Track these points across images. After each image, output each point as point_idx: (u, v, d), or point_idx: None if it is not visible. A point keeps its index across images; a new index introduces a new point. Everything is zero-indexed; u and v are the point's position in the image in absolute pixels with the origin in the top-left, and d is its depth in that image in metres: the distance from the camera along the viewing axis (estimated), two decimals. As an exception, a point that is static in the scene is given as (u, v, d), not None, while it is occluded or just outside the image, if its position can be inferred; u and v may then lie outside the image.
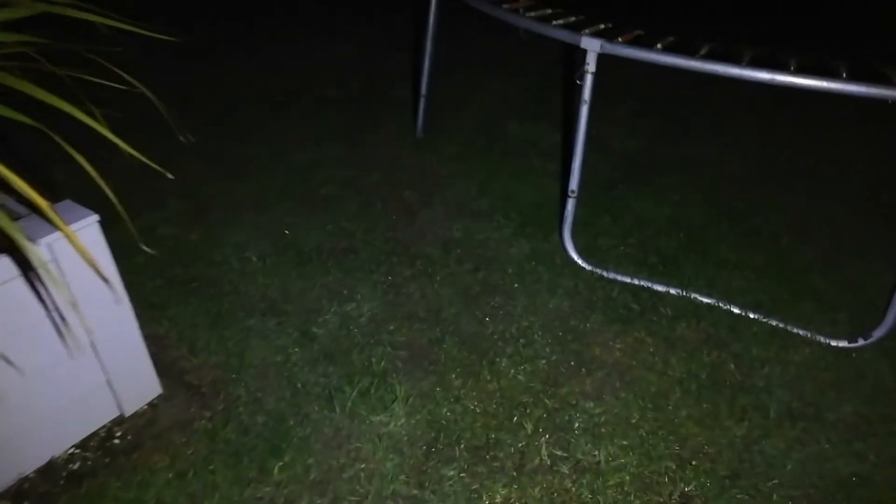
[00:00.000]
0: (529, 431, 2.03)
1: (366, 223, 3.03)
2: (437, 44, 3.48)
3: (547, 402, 2.13)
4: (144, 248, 1.70)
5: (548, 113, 4.15)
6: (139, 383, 2.09)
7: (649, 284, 2.64)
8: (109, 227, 1.81)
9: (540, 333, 2.41)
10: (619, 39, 2.46)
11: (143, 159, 1.54)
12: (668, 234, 2.98)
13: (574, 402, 2.13)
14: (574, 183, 2.70)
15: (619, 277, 2.68)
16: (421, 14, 3.49)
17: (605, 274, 2.71)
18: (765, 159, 3.76)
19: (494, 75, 4.67)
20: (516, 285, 2.66)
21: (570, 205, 2.75)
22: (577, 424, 2.05)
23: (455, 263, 2.78)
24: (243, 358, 2.28)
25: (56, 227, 1.57)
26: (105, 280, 1.79)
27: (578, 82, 2.56)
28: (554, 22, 2.65)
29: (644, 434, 2.02)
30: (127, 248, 2.89)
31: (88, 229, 1.77)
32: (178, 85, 4.27)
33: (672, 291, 2.61)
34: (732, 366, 2.27)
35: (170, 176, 1.58)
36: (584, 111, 2.58)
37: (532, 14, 2.73)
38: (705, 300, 2.56)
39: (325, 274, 2.69)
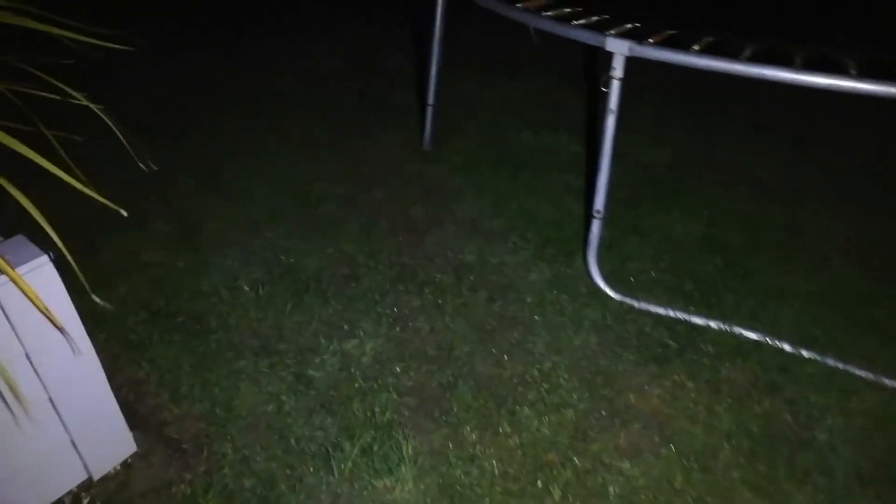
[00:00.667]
0: (557, 499, 1.75)
1: (369, 246, 2.76)
2: (444, 47, 3.21)
3: (576, 461, 1.85)
4: (96, 299, 1.42)
5: (565, 121, 3.87)
6: (109, 441, 1.83)
7: (686, 317, 2.36)
8: (86, 255, 1.59)
9: (566, 376, 2.13)
10: (651, 41, 2.18)
11: (93, 194, 1.27)
12: (702, 257, 2.70)
13: (607, 462, 1.85)
14: (600, 202, 2.43)
15: (652, 308, 2.40)
16: (423, 14, 3.22)
17: (635, 304, 2.43)
18: (802, 168, 3.47)
19: (504, 79, 4.39)
20: (537, 318, 2.38)
21: (596, 226, 2.47)
22: (612, 490, 1.78)
23: (468, 292, 2.50)
24: (231, 407, 2.02)
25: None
26: (59, 329, 1.53)
27: (604, 90, 2.28)
28: (574, 22, 2.38)
29: (691, 502, 1.74)
30: (108, 277, 2.67)
31: (40, 271, 1.50)
32: (159, 92, 4.02)
33: (712, 325, 2.32)
34: (788, 416, 1.99)
35: (123, 213, 1.31)
36: (611, 122, 2.30)
37: (550, 14, 2.45)
38: (750, 335, 2.28)
39: (323, 305, 2.42)
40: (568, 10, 2.48)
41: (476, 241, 2.81)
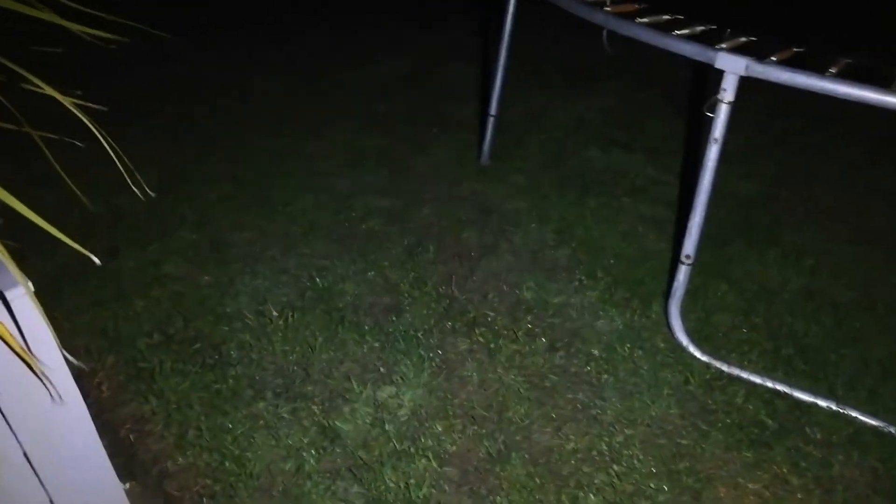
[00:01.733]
0: None
1: (414, 271, 2.45)
2: (512, 53, 2.87)
3: (654, 574, 1.49)
4: (73, 360, 1.13)
5: (640, 140, 3.48)
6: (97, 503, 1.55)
7: (787, 389, 1.96)
8: (105, 260, 1.34)
9: (640, 457, 1.76)
10: (773, 58, 1.80)
11: (75, 246, 0.98)
12: (805, 314, 2.28)
13: (694, 580, 1.49)
14: (691, 246, 2.05)
15: (745, 375, 2.01)
16: (486, 21, 2.88)
17: (725, 369, 2.04)
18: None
19: (571, 91, 4.01)
20: (605, 377, 2.02)
21: (683, 274, 2.09)
22: None
23: (525, 337, 2.16)
24: (243, 462, 1.72)
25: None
26: (37, 375, 1.25)
27: (708, 115, 1.91)
28: (676, 32, 2.00)
29: None
30: (126, 288, 2.41)
31: (17, 302, 1.23)
32: (200, 88, 3.80)
33: (821, 404, 1.92)
34: (926, 538, 1.58)
35: (97, 261, 1.01)
36: (714, 153, 1.93)
37: (645, 21, 2.09)
38: (870, 422, 1.87)
39: (359, 341, 2.12)
40: (666, 17, 2.12)
41: (536, 274, 2.46)
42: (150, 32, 1.39)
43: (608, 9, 2.17)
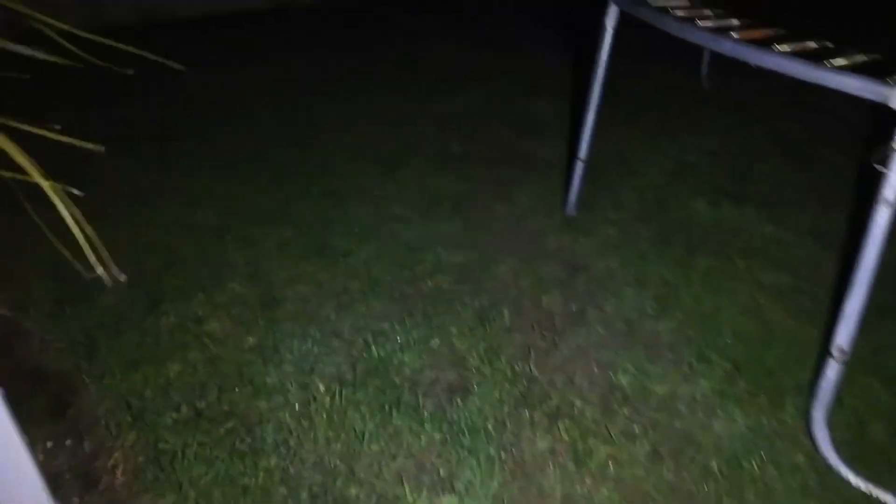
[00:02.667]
0: None
1: (486, 341, 2.08)
2: (606, 88, 2.50)
3: None
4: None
5: (749, 188, 3.01)
6: None
7: None
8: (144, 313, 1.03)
9: None
10: (976, 99, 1.34)
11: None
12: None
13: None
14: (845, 337, 1.58)
15: (923, 515, 1.50)
16: (572, 48, 2.52)
17: (890, 501, 1.54)
18: None
19: (666, 129, 3.58)
20: (727, 502, 1.56)
21: (834, 372, 1.62)
22: None
23: (621, 438, 1.74)
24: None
25: None
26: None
27: (877, 167, 1.46)
28: (832, 62, 1.58)
29: None
30: (161, 349, 2.14)
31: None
32: (271, 129, 3.62)
33: None
34: None
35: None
36: (884, 218, 1.47)
37: (786, 48, 1.67)
38: None
39: (416, 430, 1.76)
40: (813, 44, 1.69)
41: (633, 352, 2.04)
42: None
43: (736, 35, 1.76)
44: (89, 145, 0.91)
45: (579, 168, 2.66)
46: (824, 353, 1.63)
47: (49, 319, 2.14)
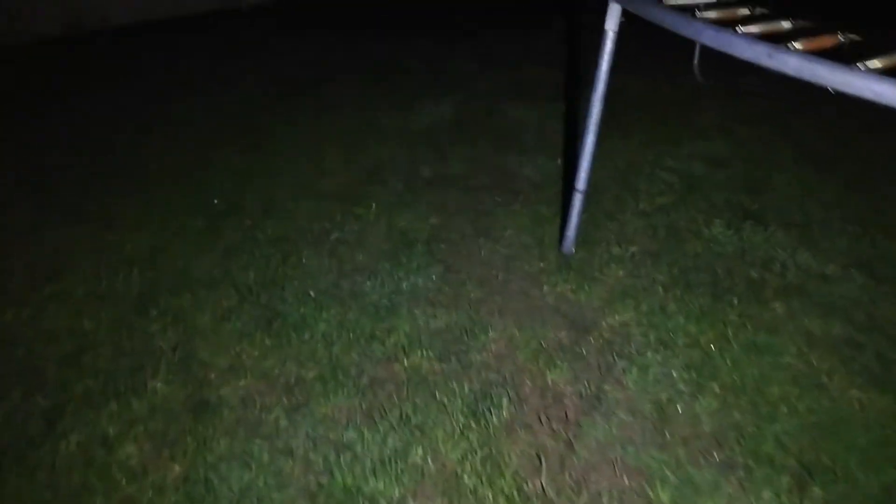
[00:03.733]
0: None
1: (483, 449, 1.63)
2: (606, 104, 2.05)
3: None
4: None
5: (771, 205, 2.59)
6: None
7: None
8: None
9: None
10: None
11: None
12: None
13: None
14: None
15: None
16: (562, 64, 2.05)
17: None
18: None
19: (667, 134, 3.14)
20: None
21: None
22: None
23: None
24: None
25: None
26: None
27: None
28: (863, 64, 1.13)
29: None
30: (62, 478, 1.46)
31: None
32: (211, 167, 3.09)
33: None
34: None
35: None
36: None
37: (878, 65, 1.22)
38: None
39: None
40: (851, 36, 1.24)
41: (671, 451, 1.60)
42: None
43: (798, 45, 1.30)
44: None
45: (578, 201, 2.20)
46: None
47: None
